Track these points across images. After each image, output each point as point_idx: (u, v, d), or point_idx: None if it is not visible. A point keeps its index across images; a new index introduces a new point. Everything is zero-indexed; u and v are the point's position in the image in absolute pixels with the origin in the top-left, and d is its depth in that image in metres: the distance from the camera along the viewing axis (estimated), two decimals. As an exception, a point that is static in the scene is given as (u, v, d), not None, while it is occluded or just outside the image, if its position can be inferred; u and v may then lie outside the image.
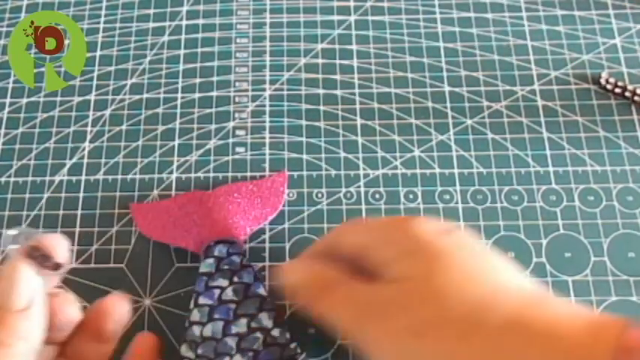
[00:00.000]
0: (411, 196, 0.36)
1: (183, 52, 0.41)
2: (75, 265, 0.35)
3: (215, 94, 0.40)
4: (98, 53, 0.42)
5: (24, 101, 0.40)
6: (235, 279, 0.31)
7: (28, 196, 0.37)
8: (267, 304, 0.31)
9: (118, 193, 0.37)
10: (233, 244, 0.33)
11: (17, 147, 0.39)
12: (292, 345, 0.30)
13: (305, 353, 0.30)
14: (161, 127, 0.39)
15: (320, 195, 0.37)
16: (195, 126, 0.39)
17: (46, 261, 0.24)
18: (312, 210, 0.36)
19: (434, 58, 0.41)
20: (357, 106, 0.39)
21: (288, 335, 0.30)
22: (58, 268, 0.24)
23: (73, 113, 0.39)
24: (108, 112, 0.39)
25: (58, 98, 0.40)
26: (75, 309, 0.26)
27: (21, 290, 0.23)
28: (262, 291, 0.31)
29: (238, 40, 0.42)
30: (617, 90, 0.39)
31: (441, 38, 0.41)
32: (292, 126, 0.39)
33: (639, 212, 0.36)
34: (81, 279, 0.34)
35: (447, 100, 0.39)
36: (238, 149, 0.38)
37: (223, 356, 0.29)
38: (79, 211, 0.36)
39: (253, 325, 0.30)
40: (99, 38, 0.42)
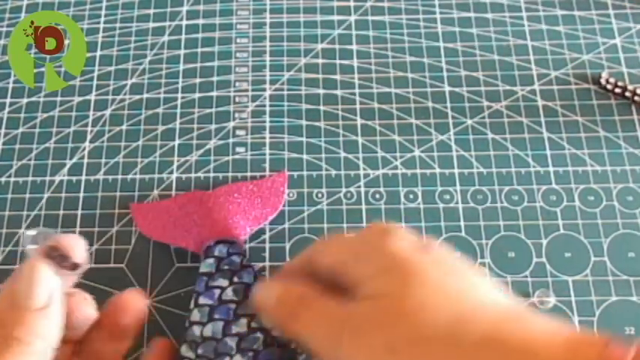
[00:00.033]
0: (411, 196, 0.36)
1: (183, 52, 0.41)
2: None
3: (215, 94, 0.40)
4: (98, 53, 0.42)
5: (24, 101, 0.40)
6: (235, 279, 0.31)
7: (28, 196, 0.37)
8: None
9: (118, 193, 0.37)
10: (233, 244, 0.33)
11: (17, 147, 0.39)
12: (292, 345, 0.30)
13: (305, 354, 0.30)
14: (161, 127, 0.39)
15: (320, 195, 0.37)
16: (196, 126, 0.39)
17: (64, 261, 0.24)
18: (312, 210, 0.36)
19: (434, 58, 0.41)
20: (358, 106, 0.39)
21: None
22: (75, 267, 0.25)
23: (73, 113, 0.40)
24: (108, 112, 0.39)
25: (58, 98, 0.40)
26: (91, 308, 0.26)
27: (40, 289, 0.23)
28: None
29: (238, 40, 0.42)
30: (617, 90, 0.39)
31: (441, 38, 0.41)
32: (292, 126, 0.39)
33: (639, 212, 0.36)
34: (81, 279, 0.34)
35: (447, 100, 0.39)
36: (238, 149, 0.38)
37: (223, 356, 0.29)
38: (79, 211, 0.36)
39: (253, 325, 0.30)
40: (99, 38, 0.42)
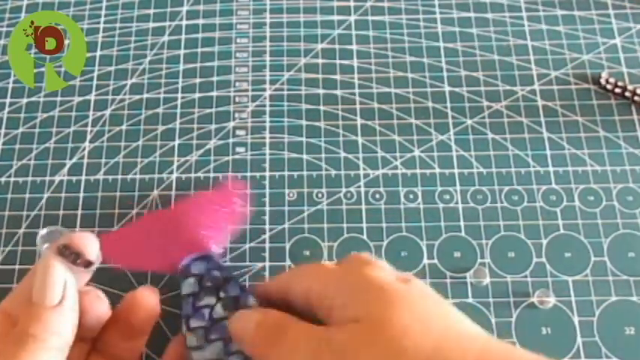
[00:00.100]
0: (411, 196, 0.36)
1: (183, 52, 0.41)
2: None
3: (215, 94, 0.40)
4: (98, 53, 0.42)
5: (24, 101, 0.40)
6: (222, 294, 0.30)
7: (28, 196, 0.37)
8: None
9: (118, 193, 0.37)
10: (210, 260, 0.31)
11: (17, 147, 0.39)
12: None
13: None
14: (161, 127, 0.39)
15: (320, 195, 0.37)
16: (196, 126, 0.39)
17: (77, 259, 0.25)
18: (312, 210, 0.36)
19: (434, 58, 0.41)
20: (357, 106, 0.39)
21: None
22: (89, 265, 0.25)
23: (73, 113, 0.40)
24: (108, 112, 0.40)
25: (58, 98, 0.40)
26: (105, 306, 0.26)
27: (54, 287, 0.24)
28: (252, 300, 0.29)
29: (238, 40, 0.42)
30: (617, 90, 0.39)
31: (441, 38, 0.41)
32: (292, 126, 0.39)
33: (639, 212, 0.36)
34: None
35: (447, 100, 0.39)
36: (238, 149, 0.38)
37: None
38: (79, 211, 0.36)
39: None
40: (99, 38, 0.42)
